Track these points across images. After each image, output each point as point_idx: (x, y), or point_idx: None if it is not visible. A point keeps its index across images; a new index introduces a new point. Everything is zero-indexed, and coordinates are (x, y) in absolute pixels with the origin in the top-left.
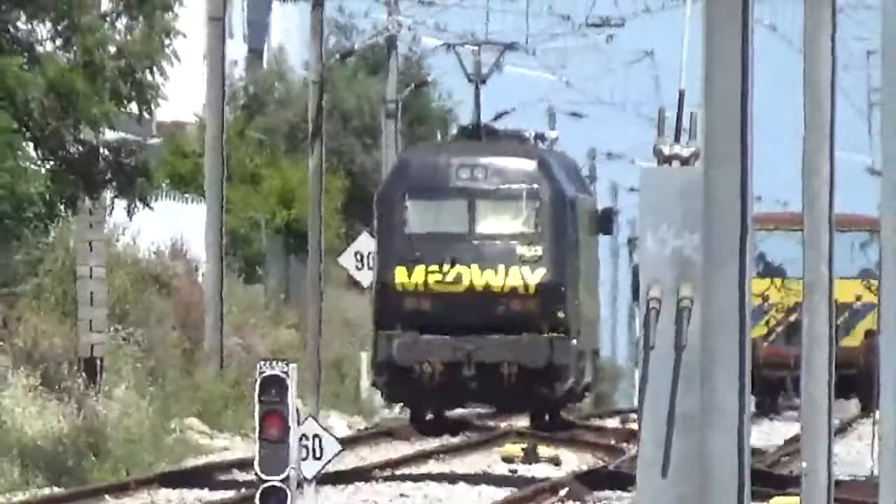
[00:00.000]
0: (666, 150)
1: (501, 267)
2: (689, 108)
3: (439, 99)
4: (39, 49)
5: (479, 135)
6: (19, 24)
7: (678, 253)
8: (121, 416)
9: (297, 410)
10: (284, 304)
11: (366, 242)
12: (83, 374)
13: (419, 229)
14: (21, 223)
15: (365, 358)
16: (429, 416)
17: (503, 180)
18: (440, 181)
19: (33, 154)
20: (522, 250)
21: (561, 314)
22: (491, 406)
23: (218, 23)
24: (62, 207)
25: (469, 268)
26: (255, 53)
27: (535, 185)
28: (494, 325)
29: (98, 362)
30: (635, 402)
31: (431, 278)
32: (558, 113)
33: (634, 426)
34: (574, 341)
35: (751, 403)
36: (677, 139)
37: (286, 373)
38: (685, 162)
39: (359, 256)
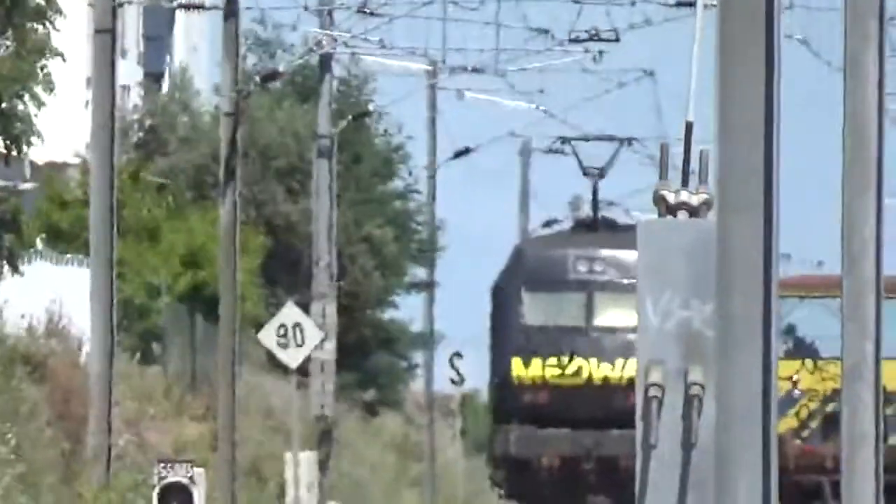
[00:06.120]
0: (670, 198)
1: (620, 360)
2: (699, 145)
3: (385, 133)
4: None
5: (596, 226)
6: None
7: (685, 326)
8: None
9: None
10: (189, 391)
11: (291, 314)
12: None
13: (536, 321)
14: None
15: (291, 459)
16: None
17: (621, 273)
18: (558, 273)
19: None
20: None
21: None
22: (610, 501)
23: (106, 36)
24: None
25: (587, 361)
26: (152, 77)
27: None
28: (614, 419)
29: None
30: None
31: (549, 371)
32: (535, 150)
33: None
34: None
35: None
36: (684, 183)
37: (191, 478)
38: (694, 212)
39: (282, 331)
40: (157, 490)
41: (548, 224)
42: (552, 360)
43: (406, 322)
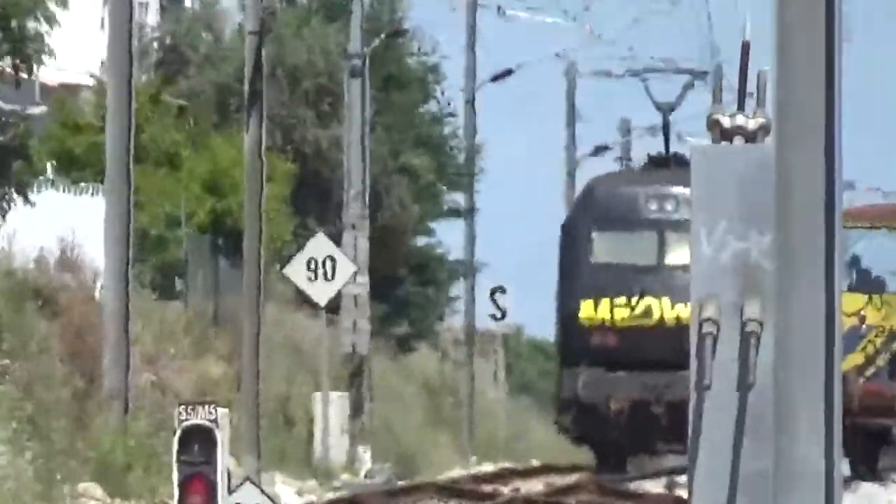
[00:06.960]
0: (725, 122)
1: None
2: (757, 66)
3: (419, 52)
4: None
5: (668, 164)
6: None
7: (742, 259)
8: None
9: (229, 472)
10: (212, 328)
11: (322, 246)
12: None
13: (606, 260)
14: None
15: (321, 400)
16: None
17: None
18: (628, 212)
19: None
20: None
21: None
22: (681, 446)
23: None
24: None
25: (659, 300)
26: None
27: None
28: (685, 361)
29: None
30: (685, 460)
31: (618, 312)
32: (581, 73)
33: (685, 492)
34: None
35: (842, 461)
36: (741, 107)
37: (214, 421)
38: (751, 138)
39: (312, 265)
40: (177, 434)
41: (597, 151)
42: (621, 301)
43: (443, 251)
